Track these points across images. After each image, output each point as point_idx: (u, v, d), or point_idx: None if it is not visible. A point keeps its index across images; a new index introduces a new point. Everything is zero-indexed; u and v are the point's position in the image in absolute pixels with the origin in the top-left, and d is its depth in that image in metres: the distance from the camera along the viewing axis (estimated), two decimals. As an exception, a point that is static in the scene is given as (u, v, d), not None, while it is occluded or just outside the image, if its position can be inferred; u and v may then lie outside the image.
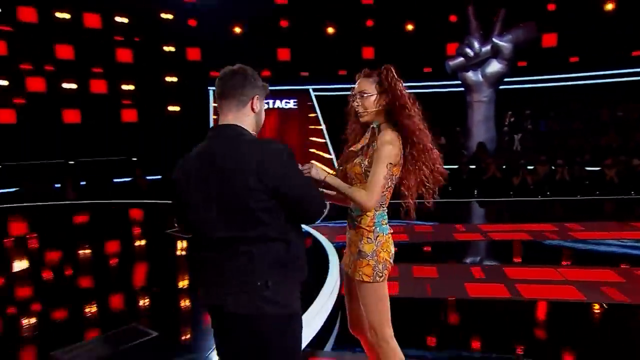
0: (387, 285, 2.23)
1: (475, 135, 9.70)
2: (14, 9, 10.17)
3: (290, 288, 1.78)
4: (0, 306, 4.08)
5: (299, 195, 1.67)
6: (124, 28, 11.34)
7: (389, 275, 2.16)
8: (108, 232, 6.88)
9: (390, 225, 2.57)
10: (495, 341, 3.21)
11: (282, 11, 11.54)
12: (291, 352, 1.84)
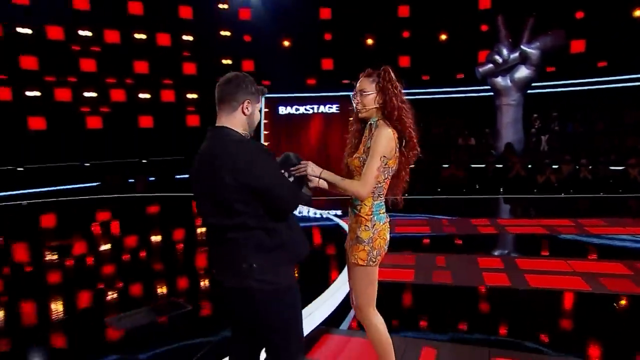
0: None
1: (503, 137, 9.78)
2: (101, 33, 11.14)
3: (276, 269, 1.85)
4: (86, 275, 4.67)
5: (267, 189, 1.72)
6: (189, 45, 12.10)
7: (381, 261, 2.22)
8: (171, 220, 7.52)
9: (413, 218, 3.07)
10: (502, 325, 3.23)
11: (326, 25, 11.92)
12: (283, 322, 1.93)
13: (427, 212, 7.03)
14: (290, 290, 1.91)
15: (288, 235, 1.84)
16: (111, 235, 6.67)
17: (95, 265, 5.06)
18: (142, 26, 11.48)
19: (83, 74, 10.98)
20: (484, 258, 4.79)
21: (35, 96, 10.60)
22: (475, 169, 9.20)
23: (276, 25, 11.79)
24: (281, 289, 1.85)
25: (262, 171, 1.69)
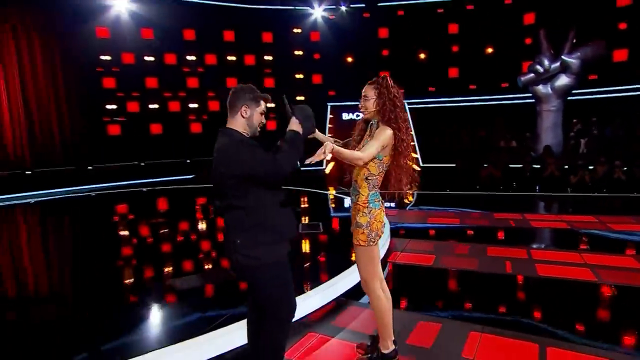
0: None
1: (543, 140, 9.77)
2: (203, 57, 12.49)
3: (256, 246, 1.92)
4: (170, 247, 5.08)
5: (251, 172, 1.84)
6: (269, 63, 13.04)
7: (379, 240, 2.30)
8: None
9: (446, 211, 3.56)
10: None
11: (384, 43, 12.46)
12: (271, 293, 2.00)
13: (460, 207, 7.17)
14: (277, 266, 1.96)
15: (266, 216, 1.92)
16: (197, 214, 7.27)
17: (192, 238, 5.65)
18: (233, 50, 12.66)
19: (189, 89, 12.46)
20: (495, 247, 4.67)
21: (155, 108, 12.22)
22: (514, 169, 9.27)
23: (341, 45, 12.46)
24: (265, 264, 1.92)
25: (243, 160, 1.83)
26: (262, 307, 2.06)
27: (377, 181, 2.27)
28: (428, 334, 2.69)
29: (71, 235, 6.42)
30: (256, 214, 1.91)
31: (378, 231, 2.27)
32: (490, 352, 2.46)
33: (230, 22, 12.39)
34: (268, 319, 2.05)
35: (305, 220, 6.17)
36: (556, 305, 3.28)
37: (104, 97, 11.63)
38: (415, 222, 6.28)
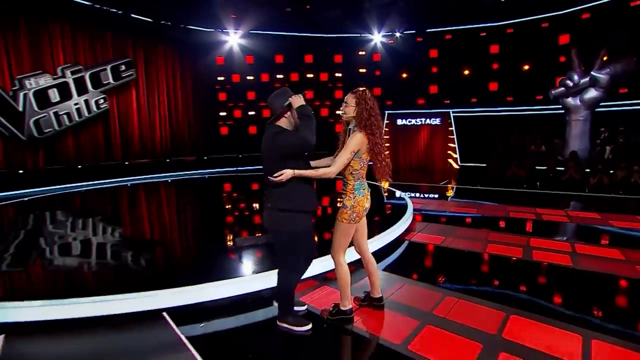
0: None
1: (571, 146, 9.61)
2: (289, 75, 13.78)
3: (279, 212, 2.35)
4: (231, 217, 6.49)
5: (285, 151, 2.27)
6: (339, 79, 14.00)
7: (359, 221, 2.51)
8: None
9: (468, 202, 4.44)
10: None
11: (434, 62, 12.89)
12: (284, 253, 2.45)
13: (483, 200, 7.36)
14: (292, 233, 2.38)
15: (291, 190, 2.32)
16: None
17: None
18: (312, 69, 13.91)
19: None
20: (497, 234, 4.83)
21: (253, 114, 13.89)
22: (539, 171, 9.34)
23: (397, 63, 13.16)
24: (284, 229, 2.37)
25: (280, 144, 2.29)
26: (278, 260, 2.51)
27: (361, 174, 2.46)
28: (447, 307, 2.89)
29: (191, 202, 7.99)
30: (284, 188, 2.30)
31: (359, 213, 2.45)
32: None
33: (309, 48, 13.75)
34: (280, 269, 2.54)
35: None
36: (516, 281, 3.53)
37: (218, 106, 13.76)
38: (441, 210, 6.52)
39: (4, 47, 9.15)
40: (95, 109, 10.71)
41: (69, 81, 10.19)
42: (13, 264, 4.01)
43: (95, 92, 10.72)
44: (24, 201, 7.61)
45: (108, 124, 11.19)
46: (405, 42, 12.95)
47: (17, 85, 9.34)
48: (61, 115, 10.06)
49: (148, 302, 2.87)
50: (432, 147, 13.22)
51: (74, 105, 10.29)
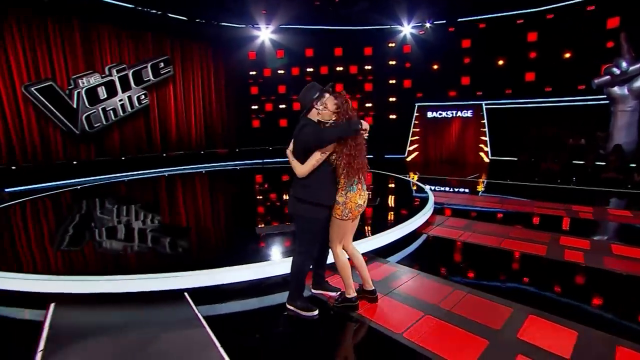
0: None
1: (615, 139, 8.94)
2: (319, 68, 13.77)
3: (298, 201, 2.57)
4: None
5: (305, 140, 2.45)
6: (368, 72, 13.78)
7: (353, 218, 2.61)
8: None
9: (494, 197, 4.38)
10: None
11: (466, 52, 12.29)
12: (300, 239, 2.64)
13: (511, 195, 7.11)
14: (308, 220, 2.56)
15: (310, 181, 2.51)
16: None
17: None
18: (341, 62, 13.83)
19: None
20: (520, 229, 4.72)
21: (284, 108, 14.11)
22: (576, 165, 8.80)
23: (428, 55, 12.75)
24: (301, 216, 2.58)
25: (305, 137, 2.47)
26: (296, 245, 2.70)
27: (351, 172, 2.51)
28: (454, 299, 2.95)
29: (221, 192, 8.22)
30: (305, 179, 2.51)
31: (352, 210, 2.54)
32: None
33: (339, 41, 13.66)
34: (295, 253, 2.70)
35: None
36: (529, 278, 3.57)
37: (250, 100, 14.11)
38: (465, 204, 6.38)
39: (62, 50, 10.01)
40: (137, 105, 11.42)
41: (115, 79, 10.93)
42: (65, 243, 4.50)
43: (137, 89, 11.42)
44: (77, 189, 8.37)
45: (148, 118, 11.91)
46: (436, 33, 12.51)
47: (72, 84, 10.19)
48: (108, 110, 10.84)
49: (171, 282, 3.14)
50: (464, 140, 12.78)
51: (119, 102, 11.05)
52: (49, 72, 9.83)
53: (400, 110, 13.68)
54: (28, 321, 2.89)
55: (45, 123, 9.87)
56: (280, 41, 13.65)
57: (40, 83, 9.63)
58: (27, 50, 9.46)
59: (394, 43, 13.32)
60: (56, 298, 3.08)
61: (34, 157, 9.65)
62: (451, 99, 12.84)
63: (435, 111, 13.09)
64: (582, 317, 2.70)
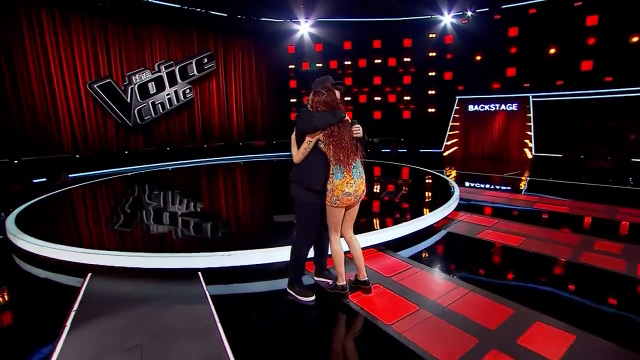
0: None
1: None
2: (357, 61, 13.74)
3: (295, 183, 2.72)
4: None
5: (299, 126, 2.59)
6: (407, 64, 13.43)
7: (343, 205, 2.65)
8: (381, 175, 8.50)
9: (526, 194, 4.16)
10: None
11: (513, 41, 11.44)
12: (298, 219, 2.74)
13: (547, 193, 6.70)
14: (302, 203, 2.69)
15: (304, 165, 2.66)
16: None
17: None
18: (379, 54, 13.57)
19: (345, 87, 14.21)
20: (543, 229, 4.47)
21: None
22: (636, 163, 7.90)
23: (470, 45, 12.09)
24: (297, 197, 2.70)
25: (298, 120, 2.64)
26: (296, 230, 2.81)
27: (335, 160, 2.61)
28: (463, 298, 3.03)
29: (254, 182, 8.59)
30: (300, 164, 2.66)
31: (339, 197, 2.60)
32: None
33: (378, 33, 13.43)
34: (296, 232, 2.85)
35: (390, 188, 6.77)
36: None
37: (289, 93, 14.39)
38: (495, 201, 6.07)
39: (118, 49, 10.97)
40: (182, 98, 12.20)
41: (163, 75, 11.76)
42: (107, 222, 5.03)
43: (183, 84, 12.18)
44: (127, 176, 9.21)
45: (192, 111, 12.66)
46: (479, 22, 11.82)
47: (127, 80, 11.15)
48: (157, 104, 11.71)
49: (187, 262, 3.43)
50: (508, 135, 11.99)
51: (166, 96, 11.87)
52: (107, 70, 10.83)
53: (439, 103, 13.19)
54: (69, 286, 3.33)
55: (103, 117, 10.91)
56: (318, 35, 13.73)
57: (101, 80, 10.66)
58: (89, 51, 10.50)
59: (434, 34, 12.83)
60: (93, 269, 3.52)
61: (93, 147, 10.74)
62: (495, 92, 12.08)
63: (477, 104, 12.41)
64: (581, 320, 2.56)
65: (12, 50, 9.20)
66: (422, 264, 3.55)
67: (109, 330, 2.59)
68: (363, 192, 2.72)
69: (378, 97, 13.95)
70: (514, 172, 9.17)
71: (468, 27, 12.08)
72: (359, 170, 2.68)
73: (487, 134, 12.46)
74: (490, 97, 12.16)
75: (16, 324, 2.82)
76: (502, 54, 11.65)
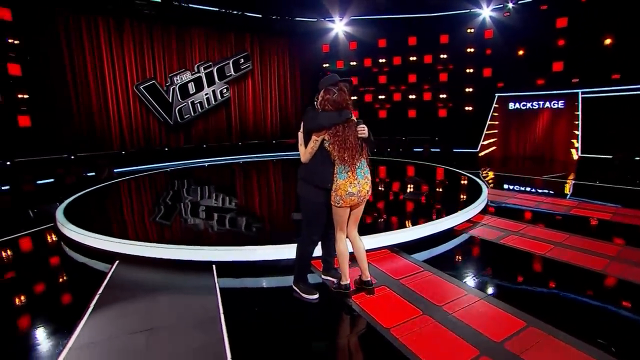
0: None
1: None
2: (391, 59, 13.39)
3: (301, 181, 2.73)
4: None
5: (305, 124, 2.62)
6: (444, 61, 12.86)
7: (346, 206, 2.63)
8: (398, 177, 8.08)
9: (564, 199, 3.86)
10: None
11: (561, 32, 10.48)
12: (304, 212, 2.75)
13: (589, 197, 6.23)
14: (309, 201, 2.71)
15: (311, 164, 2.67)
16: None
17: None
18: (415, 51, 13.17)
19: (379, 85, 13.71)
20: (577, 237, 4.10)
21: (354, 99, 14.22)
22: None
23: (512, 39, 11.30)
24: (303, 195, 2.72)
25: (305, 118, 2.66)
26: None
27: (339, 160, 2.60)
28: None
29: (284, 178, 8.54)
30: (308, 162, 2.68)
31: (342, 197, 2.57)
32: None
33: (413, 30, 13.01)
34: (301, 236, 2.85)
35: (411, 188, 6.57)
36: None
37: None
38: (526, 205, 5.69)
39: (162, 52, 11.65)
40: (219, 98, 12.68)
41: (202, 75, 12.29)
42: (139, 214, 5.38)
43: (220, 83, 12.65)
44: (166, 171, 9.77)
45: (229, 110, 13.11)
46: (523, 14, 10.99)
47: (169, 81, 11.81)
48: (196, 103, 12.28)
49: (202, 254, 3.58)
50: (552, 134, 11.11)
51: (205, 95, 12.41)
52: (152, 72, 11.54)
53: (476, 101, 12.50)
54: (98, 271, 3.63)
55: (147, 116, 11.64)
56: (353, 33, 13.59)
57: (146, 82, 11.38)
58: (137, 54, 11.25)
59: (472, 29, 12.15)
60: (120, 257, 3.80)
61: (138, 144, 11.51)
62: (539, 88, 11.21)
63: (519, 102, 11.60)
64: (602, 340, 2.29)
65: (74, 57, 10.14)
66: (435, 268, 3.41)
67: (123, 314, 2.79)
68: (367, 192, 2.69)
69: (413, 95, 13.55)
70: (556, 174, 8.50)
71: (509, 20, 11.29)
72: (364, 171, 2.67)
73: (530, 133, 11.60)
74: (533, 94, 11.30)
75: (51, 303, 3.12)
76: (548, 47, 10.77)
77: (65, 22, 9.92)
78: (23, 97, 9.03)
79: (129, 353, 2.32)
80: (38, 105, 9.34)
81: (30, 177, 7.82)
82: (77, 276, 3.65)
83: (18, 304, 3.09)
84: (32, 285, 3.44)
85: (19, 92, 8.96)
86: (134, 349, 2.35)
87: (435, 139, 12.60)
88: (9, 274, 3.70)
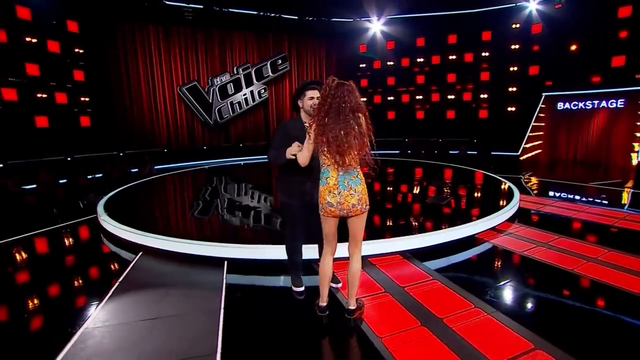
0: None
1: None
2: (430, 58, 12.91)
3: (281, 189, 2.79)
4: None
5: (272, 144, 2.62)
6: (486, 59, 12.18)
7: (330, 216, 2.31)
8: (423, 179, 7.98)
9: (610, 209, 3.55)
10: None
11: (623, 23, 9.36)
12: (283, 214, 2.90)
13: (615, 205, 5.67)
14: (284, 207, 2.80)
15: (283, 174, 2.74)
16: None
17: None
18: (455, 50, 12.56)
19: (418, 85, 13.37)
20: (607, 250, 3.79)
21: (391, 100, 13.84)
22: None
23: (563, 33, 10.33)
24: (280, 201, 2.81)
25: (274, 134, 2.72)
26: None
27: (324, 162, 2.29)
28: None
29: None
30: (282, 172, 2.74)
31: (323, 206, 2.28)
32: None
33: (453, 27, 12.43)
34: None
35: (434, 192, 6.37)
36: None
37: (361, 93, 14.19)
38: (561, 214, 5.21)
39: (204, 55, 12.24)
40: (257, 98, 13.04)
41: (241, 77, 12.72)
42: (167, 209, 5.70)
43: (258, 84, 13.01)
44: (204, 168, 10.25)
45: (267, 110, 13.44)
46: (577, 5, 9.96)
47: (210, 83, 12.37)
48: (234, 104, 12.74)
49: (215, 250, 3.70)
50: (609, 136, 10.03)
51: (243, 96, 12.83)
52: (195, 74, 12.16)
53: (521, 101, 11.60)
54: (124, 259, 3.92)
55: (190, 116, 12.29)
56: (390, 32, 13.30)
57: (189, 84, 12.03)
58: (182, 57, 11.93)
59: (517, 24, 11.29)
60: (144, 249, 4.05)
61: (182, 143, 12.19)
62: (593, 86, 10.14)
63: (569, 102, 10.59)
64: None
65: (128, 63, 11.01)
66: (445, 278, 3.22)
67: (136, 302, 2.97)
68: (353, 207, 2.25)
69: (451, 95, 12.94)
70: (611, 180, 7.66)
71: (561, 13, 10.33)
72: (349, 181, 2.24)
73: (582, 135, 10.56)
74: (587, 92, 10.25)
75: (78, 287, 3.42)
76: (606, 41, 9.69)
77: (122, 31, 10.80)
78: (85, 100, 10.04)
79: (135, 338, 2.45)
80: (97, 108, 10.33)
81: (83, 172, 8.60)
82: (107, 264, 3.96)
83: (47, 288, 3.41)
84: (65, 270, 3.80)
85: (81, 96, 9.99)
86: (139, 335, 2.48)
87: (474, 140, 11.91)
88: (49, 259, 4.14)
